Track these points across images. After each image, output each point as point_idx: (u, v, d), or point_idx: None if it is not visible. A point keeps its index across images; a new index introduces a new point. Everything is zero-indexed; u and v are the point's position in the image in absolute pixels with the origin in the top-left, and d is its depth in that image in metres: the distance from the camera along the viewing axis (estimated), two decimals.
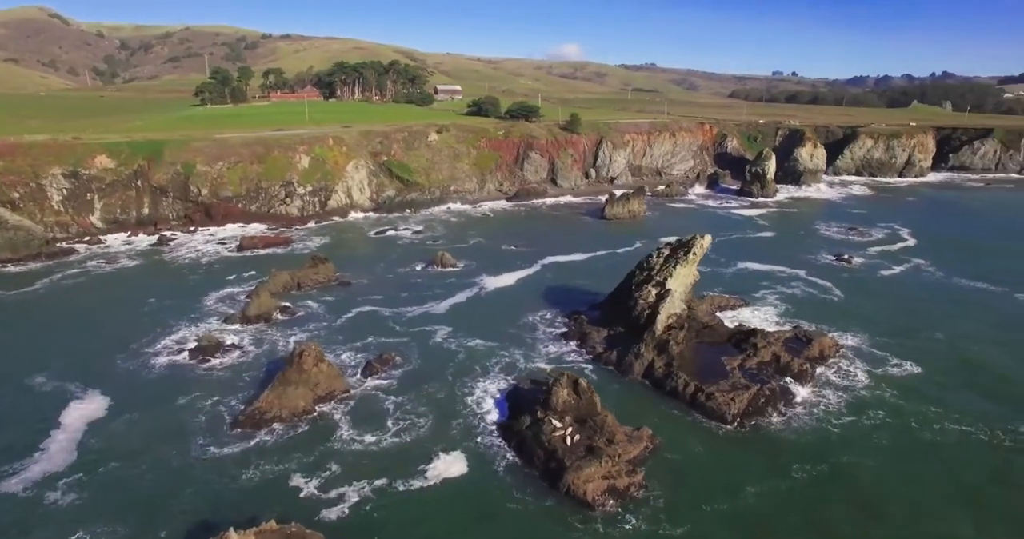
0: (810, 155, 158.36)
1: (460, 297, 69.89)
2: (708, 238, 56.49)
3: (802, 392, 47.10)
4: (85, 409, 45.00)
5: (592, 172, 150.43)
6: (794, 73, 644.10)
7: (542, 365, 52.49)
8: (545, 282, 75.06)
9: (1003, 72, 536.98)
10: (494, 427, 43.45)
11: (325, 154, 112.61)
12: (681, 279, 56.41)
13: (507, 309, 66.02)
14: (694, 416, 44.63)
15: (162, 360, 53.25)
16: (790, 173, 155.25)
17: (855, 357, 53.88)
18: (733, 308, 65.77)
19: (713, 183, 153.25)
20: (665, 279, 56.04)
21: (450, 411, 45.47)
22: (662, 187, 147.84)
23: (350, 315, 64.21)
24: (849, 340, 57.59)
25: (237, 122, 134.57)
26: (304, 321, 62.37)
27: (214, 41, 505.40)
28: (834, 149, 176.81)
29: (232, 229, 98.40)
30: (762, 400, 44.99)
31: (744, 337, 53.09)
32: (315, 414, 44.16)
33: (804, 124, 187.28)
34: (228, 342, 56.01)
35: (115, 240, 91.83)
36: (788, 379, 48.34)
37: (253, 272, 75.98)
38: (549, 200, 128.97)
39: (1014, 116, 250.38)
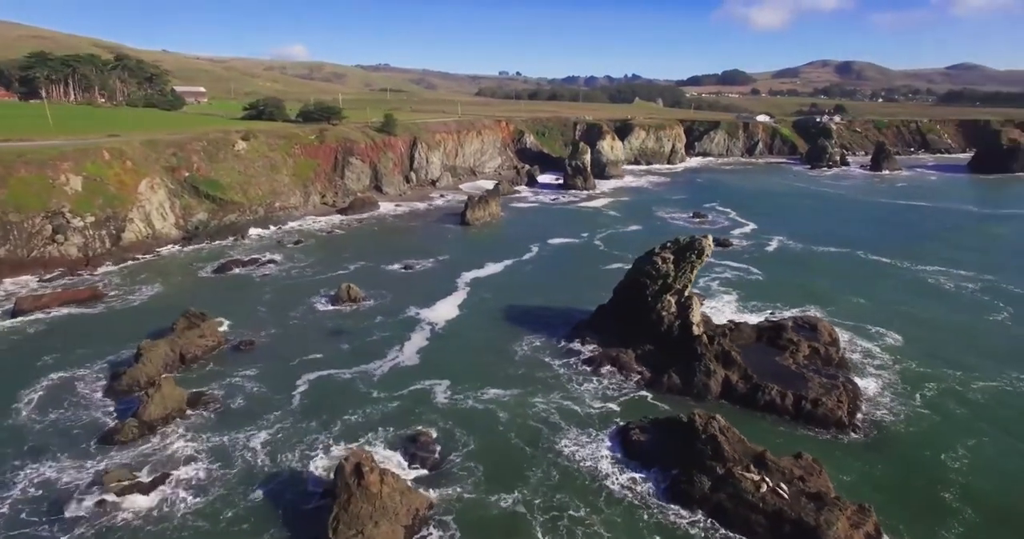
0: (610, 147, 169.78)
1: (416, 338, 55.89)
2: (711, 238, 53.07)
3: (861, 381, 46.48)
4: None
5: (412, 176, 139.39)
6: (518, 73, 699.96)
7: (612, 406, 43.67)
8: (491, 304, 64.55)
9: (675, 76, 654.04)
10: (647, 497, 33.63)
11: (103, 172, 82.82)
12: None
13: (487, 343, 54.75)
14: (810, 429, 40.76)
15: None
16: (596, 165, 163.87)
17: (847, 333, 55.82)
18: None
19: (532, 180, 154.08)
20: (684, 286, 51.26)
21: (580, 489, 34.23)
22: (489, 187, 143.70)
23: (302, 389, 46.24)
24: (822, 317, 59.91)
25: None
26: (245, 413, 42.77)
27: None
28: None
29: None
30: (849, 399, 42.97)
31: (774, 333, 51.00)
32: None
33: (577, 118, 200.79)
34: (148, 480, 34.80)
35: None
36: (841, 371, 47.33)
37: (55, 354, 50.75)
38: (386, 210, 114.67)
39: (730, 112, 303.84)
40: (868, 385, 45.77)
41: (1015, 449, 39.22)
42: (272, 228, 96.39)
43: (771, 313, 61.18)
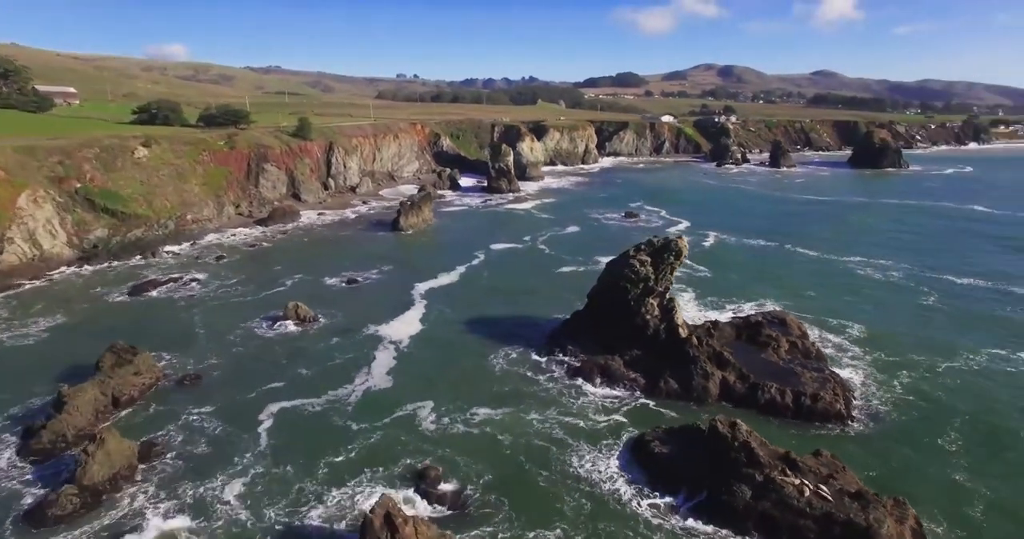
0: (530, 149, 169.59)
1: (382, 359, 51.38)
2: (685, 239, 52.69)
3: (842, 373, 47.68)
4: None
5: (330, 182, 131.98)
6: (416, 75, 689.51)
7: (616, 418, 41.80)
8: (453, 316, 60.99)
9: (572, 78, 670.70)
10: (689, 515, 31.88)
11: None
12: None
13: (461, 359, 51.33)
14: (812, 425, 40.89)
15: None
16: (517, 167, 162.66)
17: (812, 326, 57.54)
18: None
19: (455, 184, 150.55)
20: (666, 288, 50.51)
21: (618, 516, 31.87)
22: (411, 192, 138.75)
23: (267, 425, 40.76)
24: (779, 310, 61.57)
25: None
26: (209, 460, 36.76)
27: None
28: None
29: None
30: (842, 391, 43.78)
31: (753, 331, 51.35)
32: None
33: (495, 120, 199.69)
34: None
35: None
36: (822, 364, 48.27)
37: None
38: (309, 219, 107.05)
39: (629, 113, 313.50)
40: (850, 376, 46.99)
41: (999, 422, 41.56)
42: (186, 244, 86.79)
43: (735, 310, 62.12)
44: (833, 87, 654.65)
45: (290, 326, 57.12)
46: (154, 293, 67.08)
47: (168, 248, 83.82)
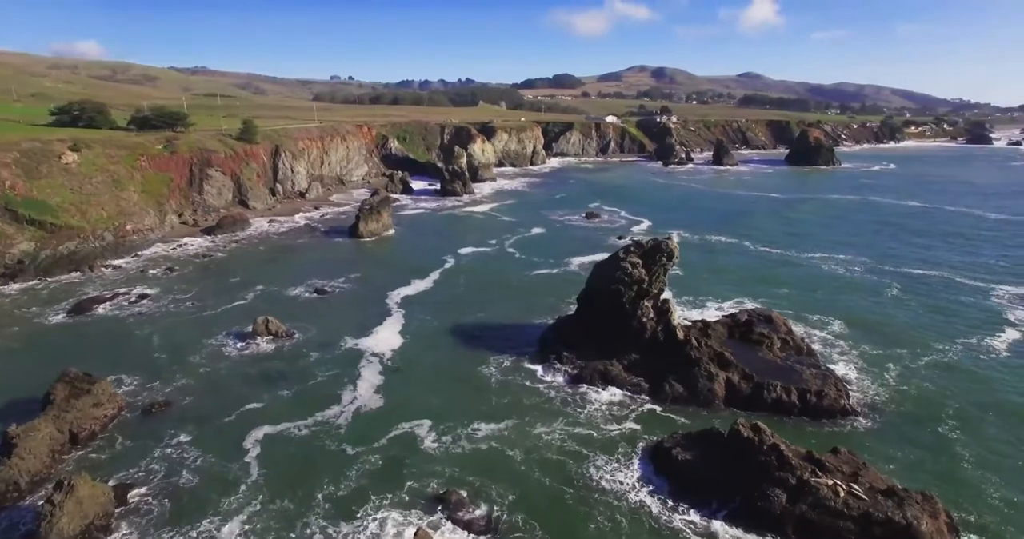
0: (481, 150, 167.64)
1: (367, 375, 48.33)
2: (675, 239, 52.25)
3: (837, 367, 48.21)
4: None
5: (278, 187, 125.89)
6: (351, 77, 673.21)
7: (627, 426, 40.53)
8: (435, 326, 58.45)
9: (510, 80, 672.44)
10: (727, 525, 30.83)
11: None
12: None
13: (451, 371, 49.01)
14: (818, 422, 40.95)
15: None
16: (469, 169, 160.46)
17: (797, 323, 58.25)
18: None
19: (407, 187, 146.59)
20: (660, 290, 49.82)
21: (655, 533, 30.43)
22: (363, 197, 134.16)
23: (255, 453, 37.29)
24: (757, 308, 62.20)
25: None
26: (196, 497, 32.99)
27: None
28: None
29: None
30: (842, 386, 44.12)
31: (745, 329, 51.27)
32: None
33: (444, 122, 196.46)
34: None
35: None
36: (815, 360, 48.64)
37: None
38: (260, 227, 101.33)
39: (573, 114, 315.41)
40: (843, 372, 47.55)
41: (987, 406, 42.98)
42: (128, 256, 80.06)
43: (716, 308, 62.33)
44: (759, 88, 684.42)
45: (262, 343, 53.07)
46: (100, 311, 61.20)
47: (108, 262, 77.03)
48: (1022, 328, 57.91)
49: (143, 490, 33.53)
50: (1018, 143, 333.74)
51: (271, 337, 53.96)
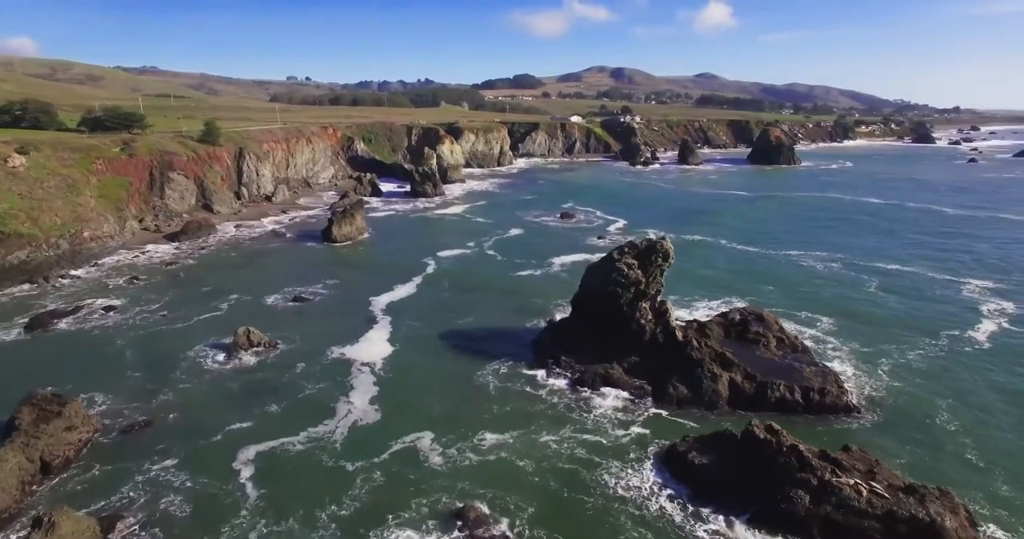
0: (450, 151, 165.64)
1: (360, 386, 46.35)
2: (668, 240, 51.85)
3: (832, 364, 48.50)
4: None
5: (243, 191, 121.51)
6: (308, 78, 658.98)
7: (635, 430, 39.68)
8: (424, 332, 56.67)
9: (469, 80, 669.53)
10: (754, 530, 30.23)
11: None
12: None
13: (447, 379, 47.43)
14: (822, 419, 40.97)
15: None
16: (438, 170, 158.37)
17: (787, 321, 58.57)
18: None
19: (376, 189, 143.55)
20: (657, 291, 49.34)
21: (672, 536, 29.67)
22: (332, 200, 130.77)
23: (248, 474, 35.01)
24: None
25: None
26: (190, 524, 30.64)
27: None
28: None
29: None
30: (841, 382, 44.32)
31: (741, 328, 51.17)
32: None
33: (412, 123, 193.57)
34: None
35: None
36: (811, 357, 48.82)
37: None
38: (228, 232, 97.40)
39: (536, 114, 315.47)
40: (840, 368, 47.87)
41: (980, 397, 43.98)
42: (88, 266, 75.51)
43: (704, 308, 62.34)
44: (715, 88, 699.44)
45: (244, 355, 50.39)
46: (62, 326, 57.30)
47: (65, 272, 72.52)
48: (997, 320, 59.61)
49: (131, 520, 30.98)
50: (957, 143, 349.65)
51: (254, 349, 51.33)
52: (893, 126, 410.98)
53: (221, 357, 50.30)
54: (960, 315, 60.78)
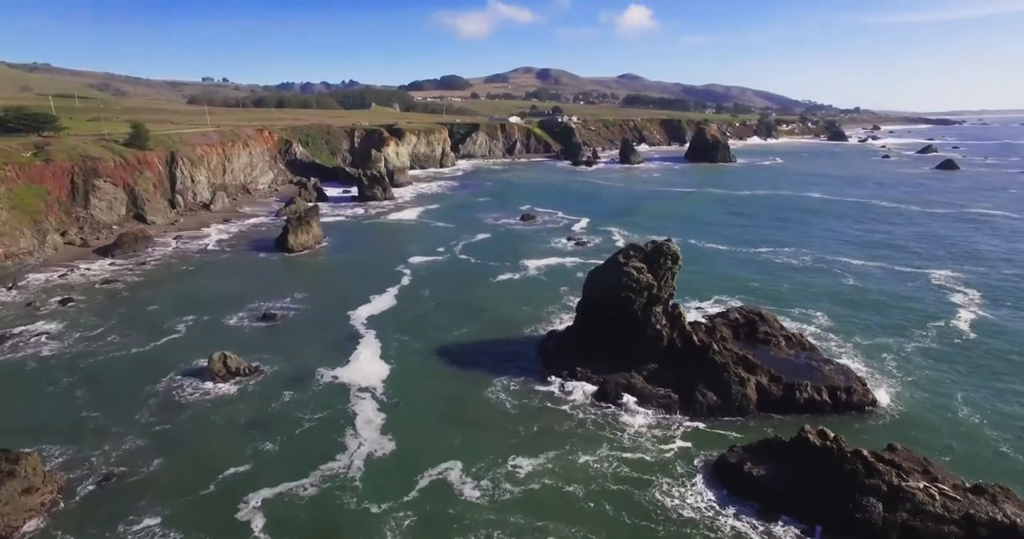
0: (395, 153, 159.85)
1: (363, 413, 41.82)
2: (674, 241, 50.22)
3: (842, 361, 48.16)
4: None
5: (178, 199, 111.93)
6: (225, 79, 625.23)
7: (677, 444, 37.32)
8: (416, 348, 52.50)
9: (396, 82, 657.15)
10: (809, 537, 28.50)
11: None
12: None
13: (457, 400, 43.71)
14: (854, 418, 40.22)
15: None
16: (386, 173, 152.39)
17: (786, 319, 58.21)
18: None
19: (322, 194, 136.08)
20: (670, 295, 47.45)
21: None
22: (275, 207, 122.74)
23: (258, 525, 30.12)
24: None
25: None
26: None
27: None
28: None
29: None
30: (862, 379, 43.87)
31: (749, 328, 50.14)
32: None
33: (354, 125, 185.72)
34: None
35: None
36: (817, 354, 48.32)
37: None
38: (168, 245, 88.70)
39: (470, 115, 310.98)
40: (853, 366, 47.51)
41: (989, 385, 44.57)
42: (4, 288, 66.02)
43: (698, 308, 61.29)
44: (639, 89, 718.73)
45: (222, 385, 44.60)
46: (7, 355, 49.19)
47: None
48: (972, 309, 61.60)
49: None
50: (865, 140, 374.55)
51: (232, 377, 45.57)
52: (810, 124, 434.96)
53: (194, 387, 44.33)
54: (938, 306, 62.08)
